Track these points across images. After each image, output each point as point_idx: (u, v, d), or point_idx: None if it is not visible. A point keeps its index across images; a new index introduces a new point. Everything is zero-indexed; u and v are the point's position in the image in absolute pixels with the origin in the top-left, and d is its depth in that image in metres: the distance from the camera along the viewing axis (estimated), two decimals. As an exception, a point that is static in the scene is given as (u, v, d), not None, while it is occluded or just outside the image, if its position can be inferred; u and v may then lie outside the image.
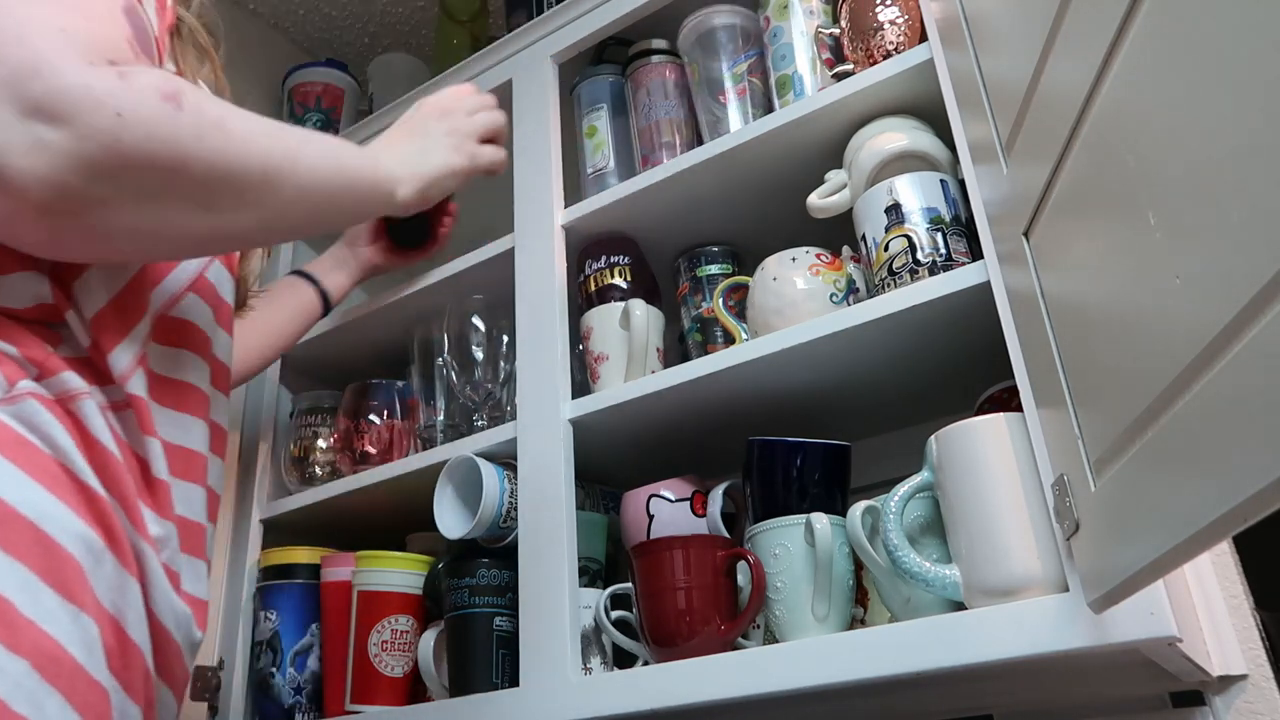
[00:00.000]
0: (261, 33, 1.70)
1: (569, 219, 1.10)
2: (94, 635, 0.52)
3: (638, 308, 1.03)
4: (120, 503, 0.56)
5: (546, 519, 0.97)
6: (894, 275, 0.86)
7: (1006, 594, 0.69)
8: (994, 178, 0.74)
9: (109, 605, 0.54)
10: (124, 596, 0.55)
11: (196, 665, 1.18)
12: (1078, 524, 0.61)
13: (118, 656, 0.54)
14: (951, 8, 0.83)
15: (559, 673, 0.90)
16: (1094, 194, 0.54)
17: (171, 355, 0.64)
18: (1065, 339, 0.62)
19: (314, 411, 1.30)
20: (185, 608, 0.60)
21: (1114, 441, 0.53)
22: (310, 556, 1.19)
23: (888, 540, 0.74)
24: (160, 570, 0.58)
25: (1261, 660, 0.81)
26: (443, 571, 1.04)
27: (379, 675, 1.07)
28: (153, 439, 0.60)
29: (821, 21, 1.03)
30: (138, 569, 0.56)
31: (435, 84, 1.32)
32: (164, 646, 0.59)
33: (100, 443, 0.56)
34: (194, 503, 0.65)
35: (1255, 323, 0.37)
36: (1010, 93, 0.67)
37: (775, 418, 1.02)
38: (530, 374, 1.05)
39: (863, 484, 0.94)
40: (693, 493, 1.00)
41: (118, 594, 0.54)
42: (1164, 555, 0.47)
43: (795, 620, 0.82)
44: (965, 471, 0.74)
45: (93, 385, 0.57)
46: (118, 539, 0.55)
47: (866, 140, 0.94)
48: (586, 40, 1.18)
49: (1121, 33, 0.48)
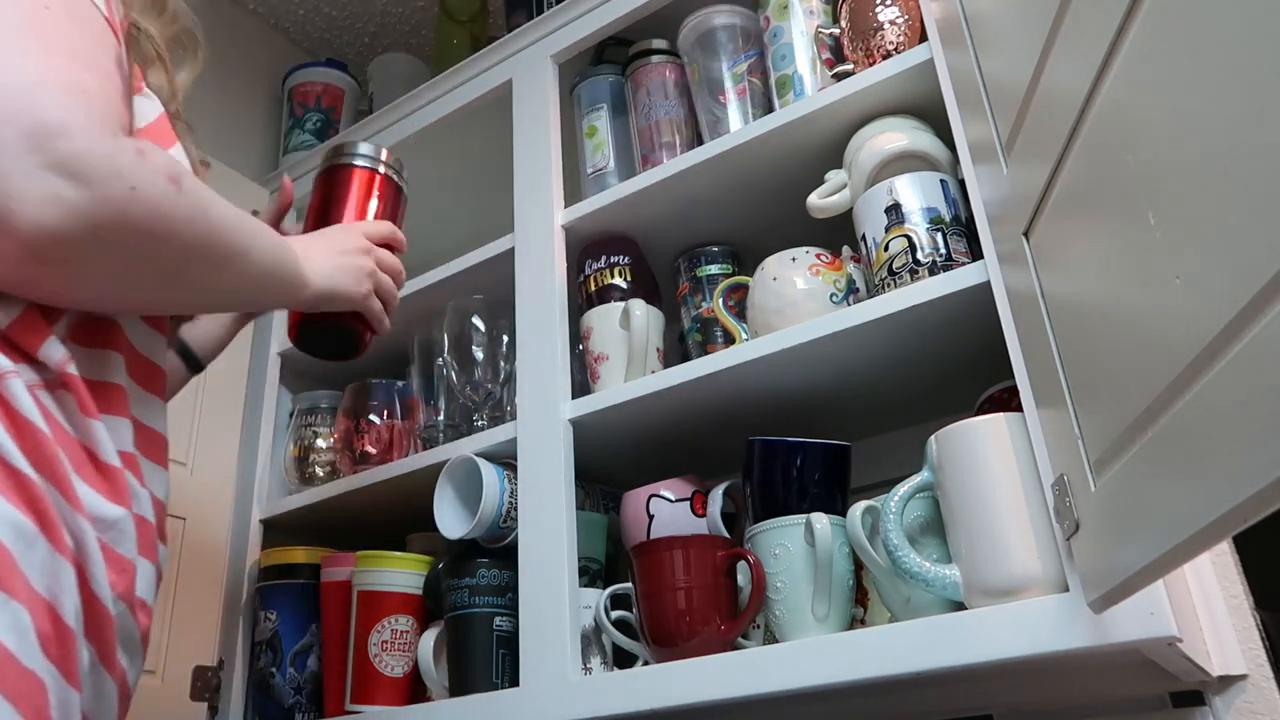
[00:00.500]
0: (261, 33, 1.70)
1: (569, 219, 1.10)
2: (26, 623, 0.51)
3: (638, 308, 1.03)
4: (53, 483, 0.54)
5: (546, 519, 0.97)
6: (894, 275, 0.86)
7: (1006, 594, 0.69)
8: (994, 178, 0.74)
9: (43, 590, 0.52)
10: (58, 581, 0.53)
11: (196, 665, 1.18)
12: (1078, 524, 0.61)
13: (54, 644, 0.52)
14: (951, 8, 0.83)
15: (559, 673, 0.90)
16: (1094, 194, 0.54)
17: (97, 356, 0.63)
18: (1065, 339, 0.62)
19: (314, 411, 1.30)
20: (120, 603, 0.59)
21: (1114, 441, 0.53)
22: (310, 556, 1.19)
23: (888, 540, 0.74)
24: (98, 550, 0.56)
25: (1261, 660, 0.81)
26: (443, 571, 1.04)
27: (379, 675, 1.07)
28: (95, 421, 0.58)
29: (821, 21, 1.03)
30: (74, 552, 0.55)
31: (435, 84, 1.32)
32: (102, 631, 0.57)
33: (30, 422, 0.54)
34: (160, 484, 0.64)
35: (1255, 323, 0.37)
36: (1010, 93, 0.67)
37: (775, 418, 1.02)
38: (530, 374, 1.05)
39: (863, 484, 0.94)
40: (693, 493, 1.00)
41: (52, 579, 0.53)
42: (1164, 555, 0.47)
43: (795, 620, 0.82)
44: (965, 471, 0.74)
45: (19, 363, 0.56)
46: (50, 522, 0.53)
47: (866, 140, 0.94)
48: (586, 40, 1.18)
49: (1121, 33, 0.48)
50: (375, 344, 1.29)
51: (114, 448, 0.59)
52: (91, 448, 0.58)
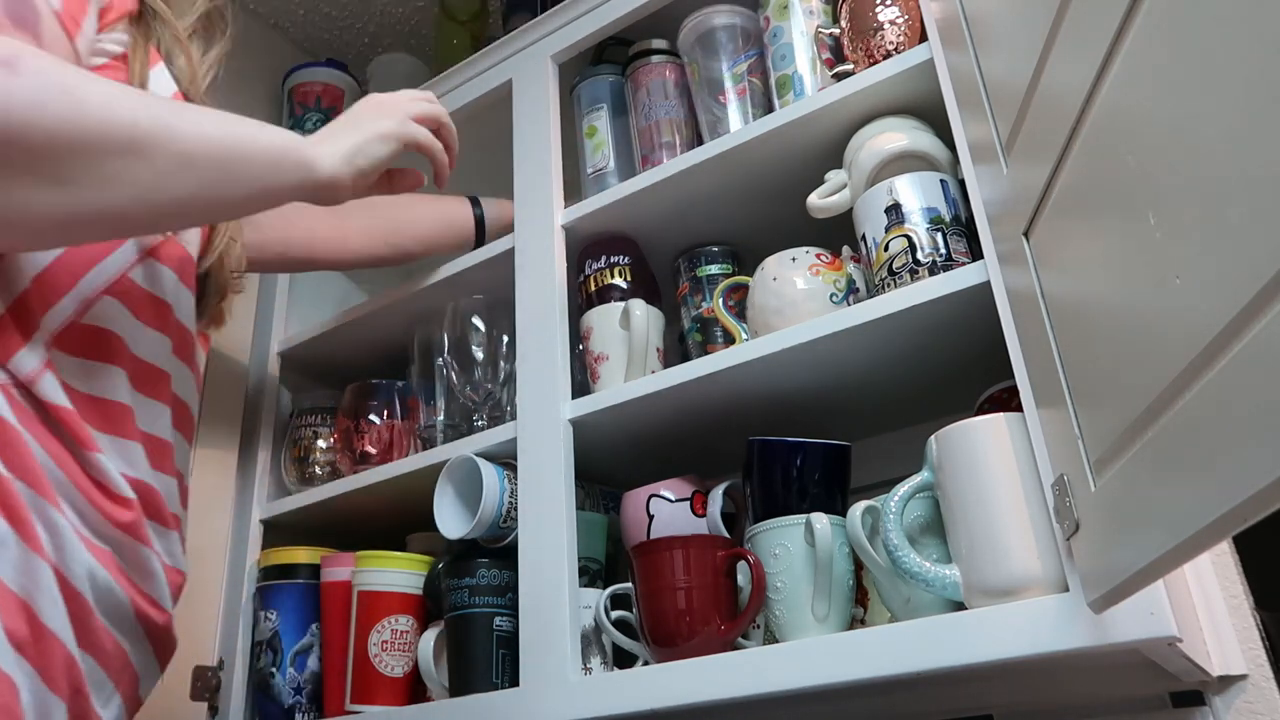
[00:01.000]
0: (261, 33, 1.70)
1: (569, 219, 1.10)
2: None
3: (638, 308, 1.03)
4: (26, 481, 0.53)
5: (546, 519, 0.97)
6: (894, 275, 0.86)
7: (1006, 594, 0.69)
8: (994, 178, 0.74)
9: (16, 589, 0.51)
10: (33, 580, 0.52)
11: (196, 665, 1.18)
12: (1078, 524, 0.61)
13: (30, 644, 0.52)
14: (951, 8, 0.83)
15: (559, 673, 0.90)
16: (1094, 194, 0.54)
17: (86, 368, 0.60)
18: (1065, 339, 0.62)
19: (314, 411, 1.30)
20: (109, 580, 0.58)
21: (1114, 441, 0.53)
22: (310, 556, 1.19)
23: (888, 540, 0.74)
24: (79, 543, 0.55)
25: (1261, 660, 0.81)
26: (443, 571, 1.04)
27: (379, 675, 1.07)
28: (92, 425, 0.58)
29: (821, 21, 1.03)
30: (50, 549, 0.54)
31: (435, 84, 1.32)
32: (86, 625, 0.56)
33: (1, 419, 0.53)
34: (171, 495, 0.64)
35: (1255, 323, 0.37)
36: (1010, 93, 0.67)
37: (775, 418, 1.02)
38: (530, 374, 1.05)
39: (863, 484, 0.94)
40: (693, 493, 1.00)
41: (26, 578, 0.52)
42: (1164, 555, 0.47)
43: (795, 620, 0.82)
44: (965, 471, 0.74)
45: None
46: (22, 520, 0.52)
47: (866, 140, 0.94)
48: (586, 40, 1.18)
49: (1121, 33, 0.48)
50: (375, 344, 1.31)
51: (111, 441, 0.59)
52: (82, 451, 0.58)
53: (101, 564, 0.57)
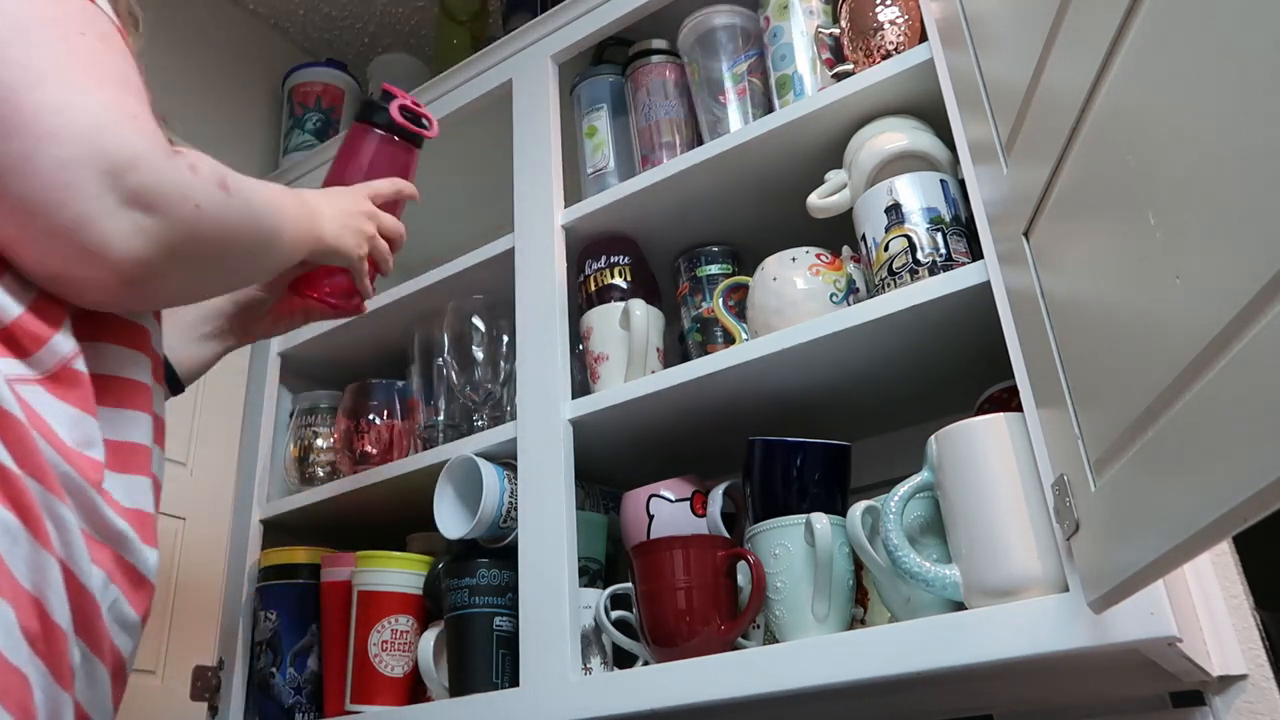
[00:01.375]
0: (261, 33, 1.70)
1: (569, 219, 1.10)
2: (10, 619, 0.50)
3: (638, 308, 1.03)
4: (36, 477, 0.54)
5: (546, 519, 0.97)
6: (894, 275, 0.86)
7: (1006, 594, 0.69)
8: (994, 178, 0.74)
9: (29, 586, 0.52)
10: (44, 576, 0.53)
11: (196, 665, 1.18)
12: (1078, 524, 0.61)
13: (41, 641, 0.52)
14: (951, 8, 0.83)
15: (559, 673, 0.90)
16: (1094, 194, 0.54)
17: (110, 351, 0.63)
18: (1065, 339, 0.62)
19: (314, 411, 1.30)
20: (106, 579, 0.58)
21: (1114, 442, 0.53)
22: (310, 556, 1.19)
23: (888, 540, 0.74)
24: (81, 542, 0.56)
25: (1261, 660, 0.81)
26: (443, 571, 1.04)
27: (379, 675, 1.07)
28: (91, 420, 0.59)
29: (821, 21, 1.03)
30: (58, 545, 0.54)
31: (435, 84, 1.32)
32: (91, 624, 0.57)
33: (11, 414, 0.54)
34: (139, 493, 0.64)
35: (1255, 323, 0.37)
36: (1010, 93, 0.67)
37: (775, 418, 1.02)
38: (530, 374, 1.05)
39: (863, 484, 0.94)
40: (693, 493, 1.00)
41: (38, 574, 0.53)
42: (1164, 555, 0.47)
43: (795, 620, 0.82)
44: (965, 471, 0.74)
45: (2, 357, 0.56)
46: (33, 516, 0.53)
47: (866, 140, 0.94)
48: (586, 40, 1.18)
49: (1121, 33, 0.48)
50: (375, 344, 1.31)
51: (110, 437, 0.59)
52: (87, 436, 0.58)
53: (102, 565, 0.57)
